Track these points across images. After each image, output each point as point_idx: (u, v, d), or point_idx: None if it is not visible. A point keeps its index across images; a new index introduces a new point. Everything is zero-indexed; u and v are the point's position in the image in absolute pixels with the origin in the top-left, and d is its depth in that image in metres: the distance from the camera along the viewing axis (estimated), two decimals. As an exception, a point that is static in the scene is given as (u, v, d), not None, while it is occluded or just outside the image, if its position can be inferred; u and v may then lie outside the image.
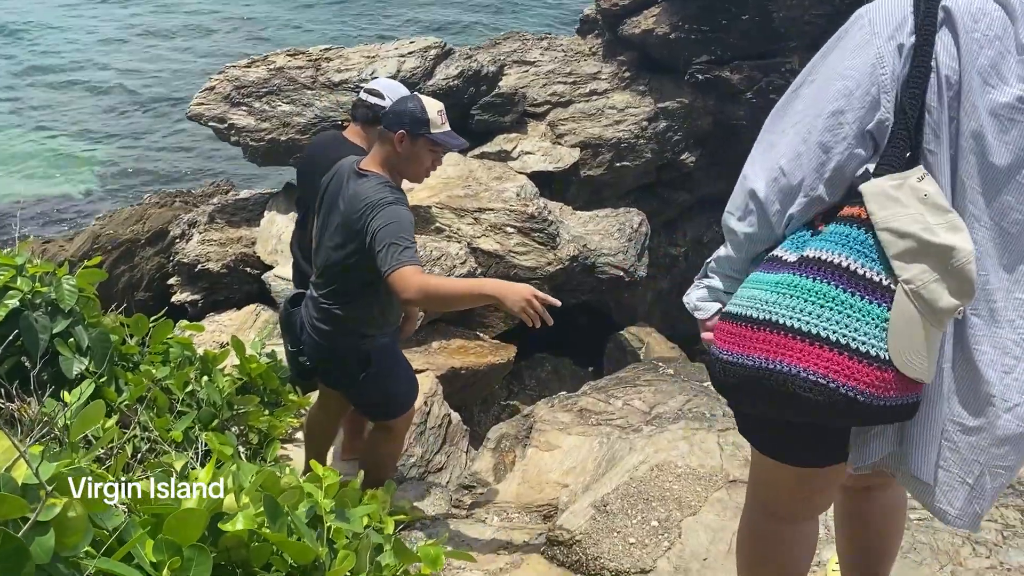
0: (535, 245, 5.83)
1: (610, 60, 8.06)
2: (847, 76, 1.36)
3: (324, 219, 2.88)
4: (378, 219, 2.59)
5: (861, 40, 1.36)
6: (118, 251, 6.49)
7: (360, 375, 2.92)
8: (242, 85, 6.39)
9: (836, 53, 1.40)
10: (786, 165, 1.41)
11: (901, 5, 1.34)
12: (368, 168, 2.76)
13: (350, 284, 2.80)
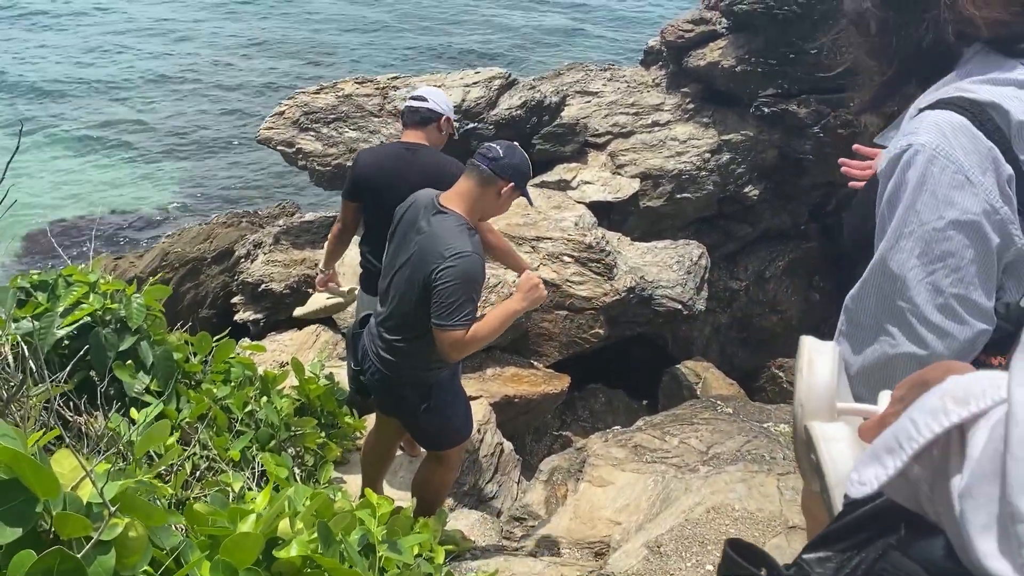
0: (592, 275, 5.81)
1: (673, 92, 8.05)
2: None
3: (396, 251, 2.90)
4: (449, 273, 2.64)
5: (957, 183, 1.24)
6: (185, 268, 6.67)
7: (420, 407, 2.95)
8: (311, 111, 6.55)
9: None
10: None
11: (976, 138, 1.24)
12: (450, 205, 2.78)
13: (417, 321, 2.82)
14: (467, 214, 2.78)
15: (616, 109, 8.01)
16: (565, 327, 5.66)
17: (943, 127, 1.25)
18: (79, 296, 2.79)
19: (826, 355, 0.99)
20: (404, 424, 3.15)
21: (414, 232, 2.81)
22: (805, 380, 0.98)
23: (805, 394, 0.97)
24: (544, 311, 5.61)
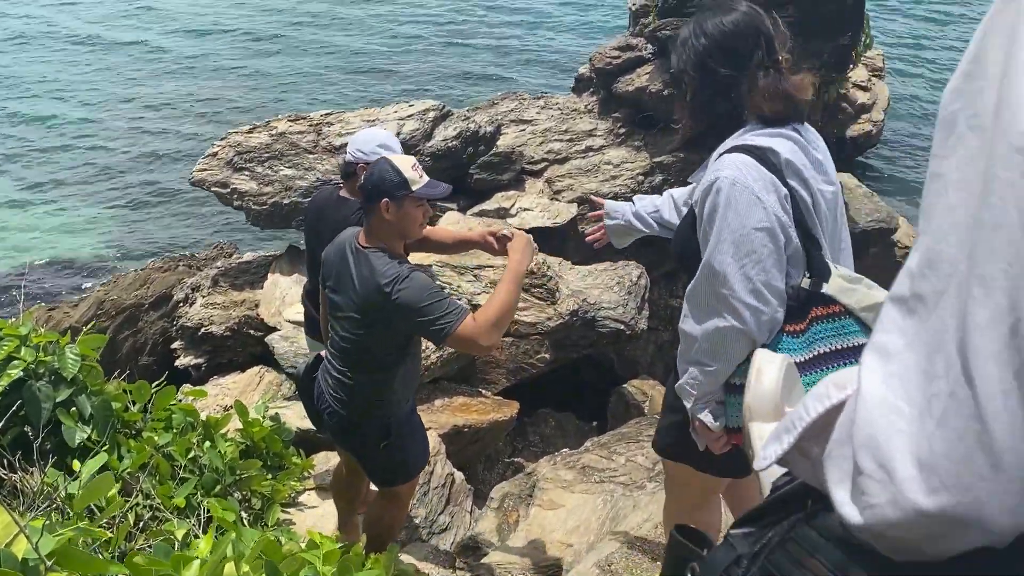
0: (535, 301, 5.87)
1: (605, 117, 8.21)
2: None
3: (334, 297, 2.88)
4: (406, 296, 2.59)
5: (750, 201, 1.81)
6: (122, 316, 6.54)
7: (380, 444, 2.93)
8: (244, 150, 6.51)
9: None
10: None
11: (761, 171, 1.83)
12: (369, 244, 2.76)
13: (369, 360, 2.82)
14: (385, 244, 2.76)
15: (551, 136, 8.14)
16: (511, 353, 5.70)
17: (738, 164, 1.82)
18: (10, 351, 2.73)
19: (774, 364, 1.09)
20: (361, 462, 3.13)
21: (346, 274, 2.79)
22: (753, 386, 1.08)
23: (752, 399, 1.07)
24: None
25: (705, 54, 1.93)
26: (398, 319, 2.65)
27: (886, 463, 0.59)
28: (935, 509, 0.57)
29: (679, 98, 2.06)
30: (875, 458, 0.60)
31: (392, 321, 2.68)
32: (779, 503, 0.77)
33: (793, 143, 1.88)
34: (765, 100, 1.88)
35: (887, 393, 0.61)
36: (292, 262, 6.14)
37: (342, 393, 2.89)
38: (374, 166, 2.78)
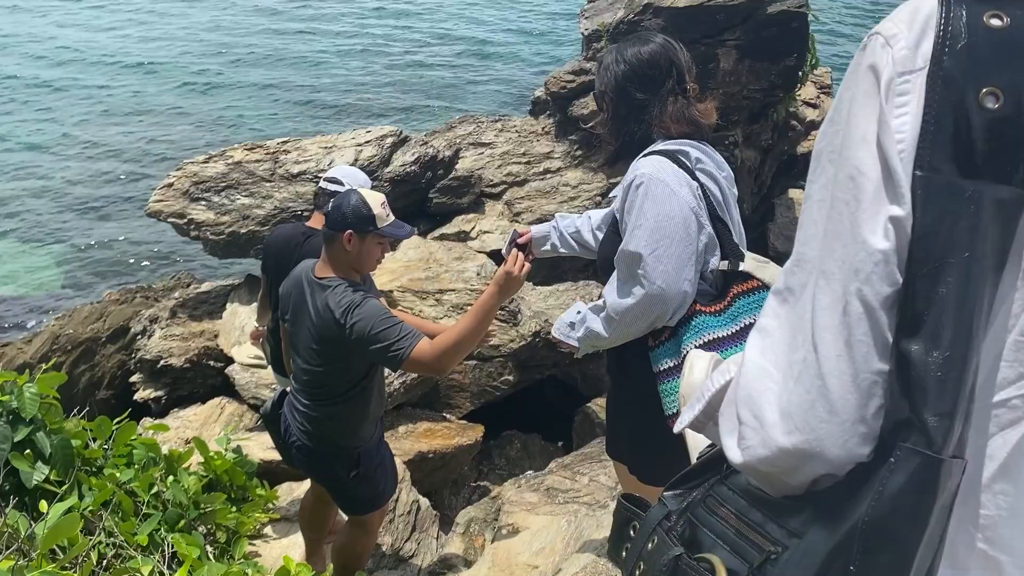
0: (497, 323, 5.90)
1: (562, 139, 8.31)
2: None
3: (294, 329, 2.90)
4: (360, 324, 2.59)
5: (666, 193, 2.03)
6: (78, 351, 6.43)
7: (350, 475, 2.95)
8: (201, 180, 6.48)
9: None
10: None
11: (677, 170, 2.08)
12: (325, 275, 2.77)
13: (333, 392, 2.84)
14: (341, 275, 2.76)
15: (509, 159, 8.21)
16: (475, 377, 5.72)
17: (654, 163, 2.05)
18: (-34, 391, 2.70)
19: (703, 359, 1.25)
20: (331, 492, 3.15)
21: (303, 307, 2.80)
22: (686, 378, 1.24)
23: (685, 388, 1.23)
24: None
25: (624, 79, 2.17)
26: (354, 348, 2.65)
27: (759, 414, 0.78)
28: (791, 446, 0.75)
29: (602, 117, 2.30)
30: (751, 410, 0.79)
31: (349, 351, 2.68)
32: (702, 468, 0.93)
33: (699, 149, 2.14)
34: (673, 123, 2.13)
35: (762, 362, 0.80)
36: (251, 291, 6.11)
37: (309, 426, 2.90)
38: (344, 196, 2.78)
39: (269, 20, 18.73)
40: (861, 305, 0.72)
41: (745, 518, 0.82)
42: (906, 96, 0.72)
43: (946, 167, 0.70)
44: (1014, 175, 0.69)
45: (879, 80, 0.74)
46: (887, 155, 0.72)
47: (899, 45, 0.74)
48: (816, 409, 0.73)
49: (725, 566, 0.80)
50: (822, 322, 0.74)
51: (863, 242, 0.72)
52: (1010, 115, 0.69)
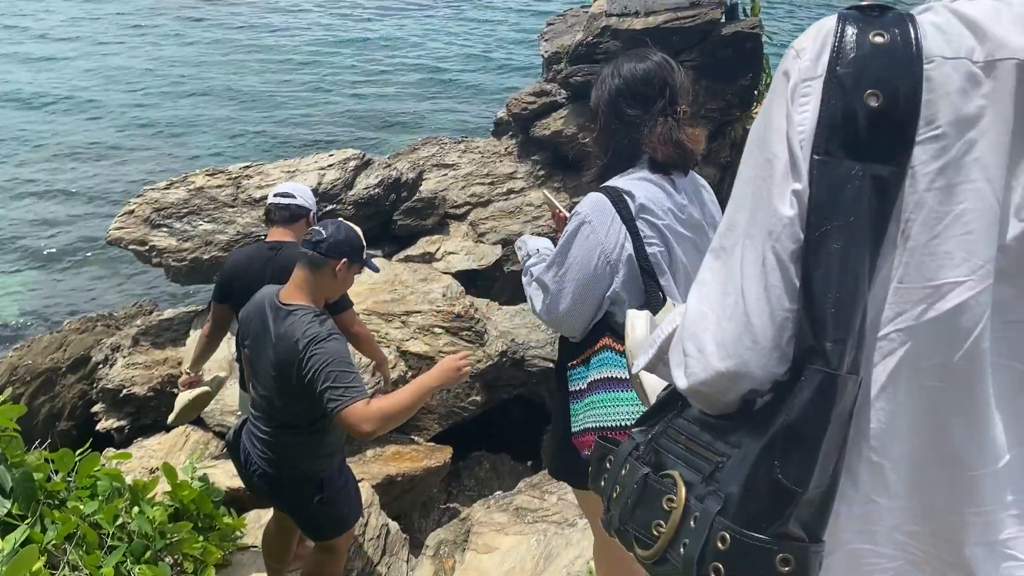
0: (464, 343, 5.93)
1: (525, 160, 8.39)
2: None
3: (254, 356, 2.88)
4: (316, 359, 2.59)
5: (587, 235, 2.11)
6: (38, 381, 6.32)
7: (314, 500, 2.93)
8: (162, 207, 6.43)
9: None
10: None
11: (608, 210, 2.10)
12: (292, 300, 2.76)
13: (293, 419, 2.83)
14: (311, 303, 2.76)
15: (473, 180, 8.27)
16: (443, 398, 5.73)
17: (593, 200, 2.10)
18: (-77, 426, 2.65)
19: (641, 318, 1.41)
20: (296, 519, 3.12)
21: (265, 334, 2.78)
22: (630, 336, 1.39)
23: (631, 344, 1.38)
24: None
25: (617, 93, 2.17)
26: (304, 376, 2.62)
27: (700, 346, 0.97)
28: (725, 369, 0.94)
29: (594, 129, 2.30)
30: (694, 344, 0.98)
31: (300, 378, 2.65)
32: (660, 406, 1.11)
33: (657, 188, 2.13)
34: (660, 144, 2.11)
35: (701, 306, 0.99)
36: (216, 317, 6.06)
37: (270, 453, 2.89)
38: (339, 225, 2.84)
39: (224, 52, 18.64)
40: (774, 258, 0.92)
41: (697, 440, 1.00)
42: (807, 97, 0.91)
43: (837, 151, 0.89)
44: (891, 156, 0.88)
45: (788, 84, 0.94)
46: (791, 143, 0.91)
47: (805, 57, 0.93)
48: (743, 340, 0.93)
49: (683, 478, 0.98)
50: (747, 272, 0.94)
51: (775, 210, 0.92)
52: (887, 109, 0.87)
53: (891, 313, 0.91)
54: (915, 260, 0.90)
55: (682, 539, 0.95)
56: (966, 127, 0.87)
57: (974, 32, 0.89)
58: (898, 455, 0.93)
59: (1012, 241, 0.89)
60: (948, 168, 0.88)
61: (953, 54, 0.88)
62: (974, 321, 0.88)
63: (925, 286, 0.89)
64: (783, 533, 0.89)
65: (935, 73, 0.88)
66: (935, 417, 0.91)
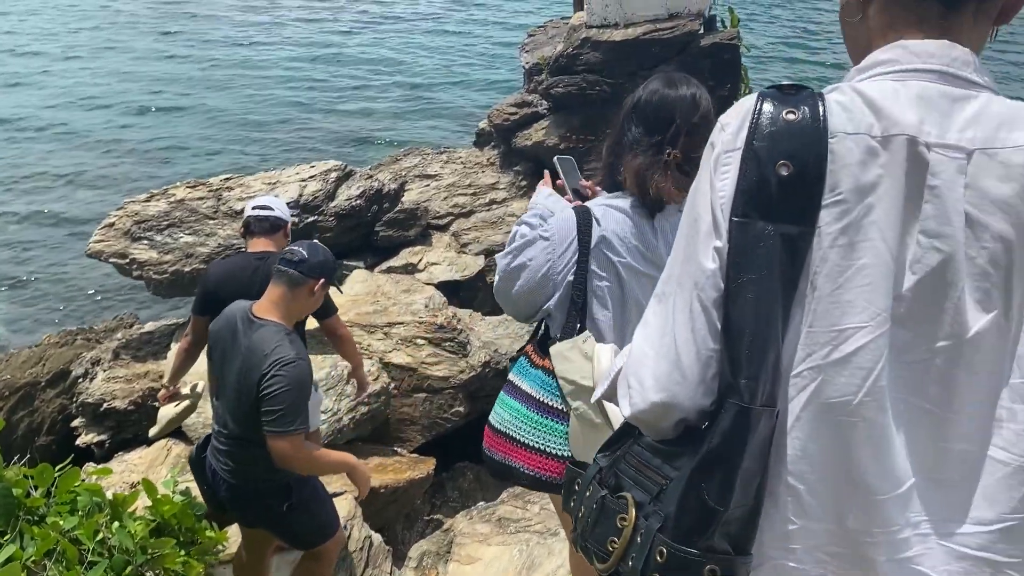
0: (447, 354, 5.93)
1: (506, 170, 8.43)
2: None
3: (221, 368, 2.90)
4: (278, 380, 2.66)
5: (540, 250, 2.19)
6: (16, 396, 6.26)
7: (283, 507, 2.94)
8: (143, 219, 6.41)
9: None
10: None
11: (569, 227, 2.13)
12: (266, 315, 2.81)
13: (256, 430, 2.83)
14: (284, 320, 2.82)
15: (455, 190, 8.29)
16: (426, 409, 5.73)
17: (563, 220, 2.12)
18: (-100, 443, 2.63)
19: (607, 351, 1.58)
20: (272, 531, 3.11)
21: (234, 347, 2.81)
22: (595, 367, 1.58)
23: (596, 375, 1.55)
24: (403, 396, 5.66)
25: (632, 109, 2.15)
26: (261, 391, 2.68)
27: (640, 380, 1.09)
28: (659, 400, 1.06)
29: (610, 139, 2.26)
30: (636, 378, 1.10)
31: (259, 391, 2.70)
32: (620, 434, 1.21)
33: (630, 223, 2.12)
34: (628, 173, 2.11)
35: (644, 345, 1.11)
36: (197, 330, 6.04)
37: (233, 464, 2.91)
38: (316, 247, 2.95)
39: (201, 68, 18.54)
40: (700, 305, 1.04)
41: (648, 464, 1.11)
42: (728, 166, 1.04)
43: (752, 214, 1.01)
44: (800, 218, 1.00)
45: (713, 154, 1.07)
46: (714, 206, 1.04)
47: (728, 131, 1.06)
48: (673, 375, 1.06)
49: (635, 499, 1.10)
50: (678, 317, 1.07)
51: (699, 264, 1.05)
52: (796, 178, 0.99)
53: (803, 354, 1.02)
54: (822, 308, 1.01)
55: (631, 554, 1.07)
56: (865, 193, 0.99)
57: (873, 110, 1.00)
58: (813, 481, 1.03)
59: (907, 291, 1.00)
60: (849, 228, 0.99)
61: (854, 130, 1.00)
62: (873, 361, 0.99)
63: (830, 330, 1.00)
64: (710, 547, 1.01)
65: (838, 146, 0.99)
66: (843, 446, 1.01)
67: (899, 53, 1.05)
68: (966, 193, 0.98)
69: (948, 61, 1.03)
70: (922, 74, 1.03)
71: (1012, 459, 1.00)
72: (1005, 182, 0.97)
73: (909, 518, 1.02)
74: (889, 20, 1.08)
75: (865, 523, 1.02)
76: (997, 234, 0.98)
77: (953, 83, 1.02)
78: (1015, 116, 1.00)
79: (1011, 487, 1.00)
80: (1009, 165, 0.98)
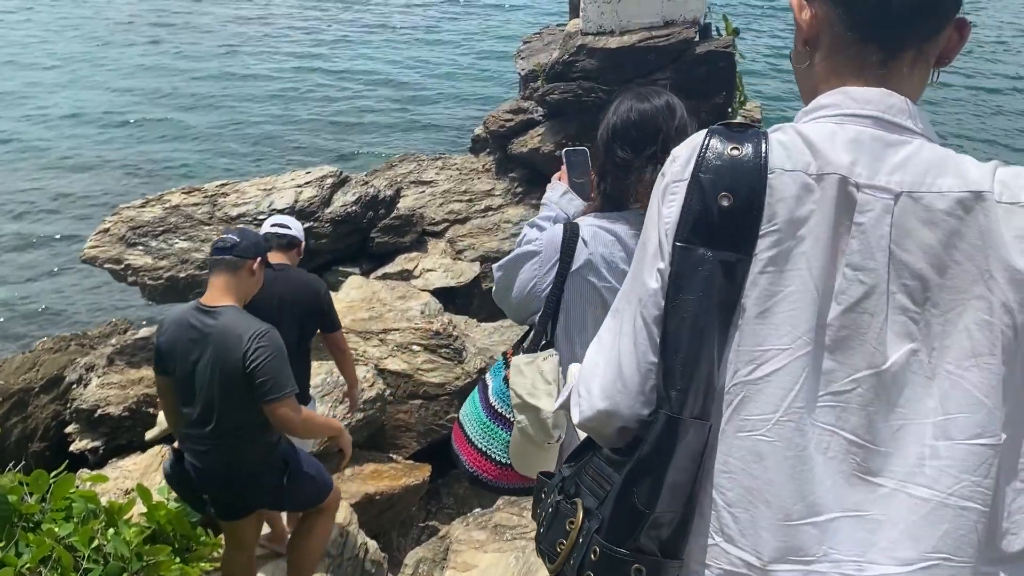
0: (442, 361, 5.93)
1: (502, 176, 8.45)
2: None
3: (188, 371, 2.96)
4: (262, 351, 2.82)
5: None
6: (10, 402, 6.23)
7: (282, 481, 3.09)
8: (137, 225, 6.40)
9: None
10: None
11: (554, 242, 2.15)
12: (219, 303, 2.95)
13: (244, 414, 2.95)
14: (237, 303, 2.99)
15: (450, 197, 8.31)
16: (421, 416, 5.72)
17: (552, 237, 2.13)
18: None
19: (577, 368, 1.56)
20: (276, 506, 3.26)
21: (199, 342, 2.91)
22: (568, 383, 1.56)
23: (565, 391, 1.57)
24: (398, 402, 5.66)
25: (612, 133, 2.11)
26: (247, 367, 2.82)
27: (589, 389, 1.17)
28: (603, 408, 1.14)
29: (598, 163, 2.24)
30: (585, 387, 1.18)
31: (244, 368, 2.83)
32: (583, 446, 1.27)
33: (618, 246, 2.13)
34: (643, 193, 2.05)
35: (595, 357, 1.19)
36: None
37: (233, 459, 3.01)
38: (244, 231, 3.17)
39: (196, 67, 18.55)
40: (642, 321, 1.12)
41: (601, 472, 1.17)
42: (675, 195, 1.11)
43: (694, 240, 1.08)
44: (737, 246, 1.06)
45: (663, 183, 1.14)
46: (660, 231, 1.12)
47: (678, 162, 1.13)
48: (616, 384, 1.13)
49: (584, 504, 1.16)
50: (623, 330, 1.15)
51: (644, 283, 1.12)
52: (735, 209, 1.07)
53: (731, 371, 1.08)
54: (749, 329, 1.07)
55: (573, 554, 1.14)
56: (798, 225, 1.06)
57: (811, 150, 1.07)
58: (732, 496, 1.07)
59: (832, 320, 1.06)
60: (779, 257, 1.06)
61: (792, 167, 1.07)
62: (791, 383, 1.05)
63: (754, 350, 1.06)
64: (638, 547, 1.08)
65: (776, 182, 1.06)
66: (759, 463, 1.06)
67: (840, 98, 1.13)
68: (892, 232, 1.04)
69: (884, 108, 1.10)
70: (860, 119, 1.10)
71: (934, 496, 1.02)
72: (927, 225, 1.04)
73: (827, 552, 1.04)
74: (833, 67, 1.16)
75: (779, 549, 1.04)
76: (916, 272, 1.04)
77: (888, 128, 1.09)
78: (943, 163, 1.06)
79: (933, 524, 1.02)
80: (932, 209, 1.03)
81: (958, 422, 1.02)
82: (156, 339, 3.10)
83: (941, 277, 1.03)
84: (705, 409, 1.07)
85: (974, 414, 1.02)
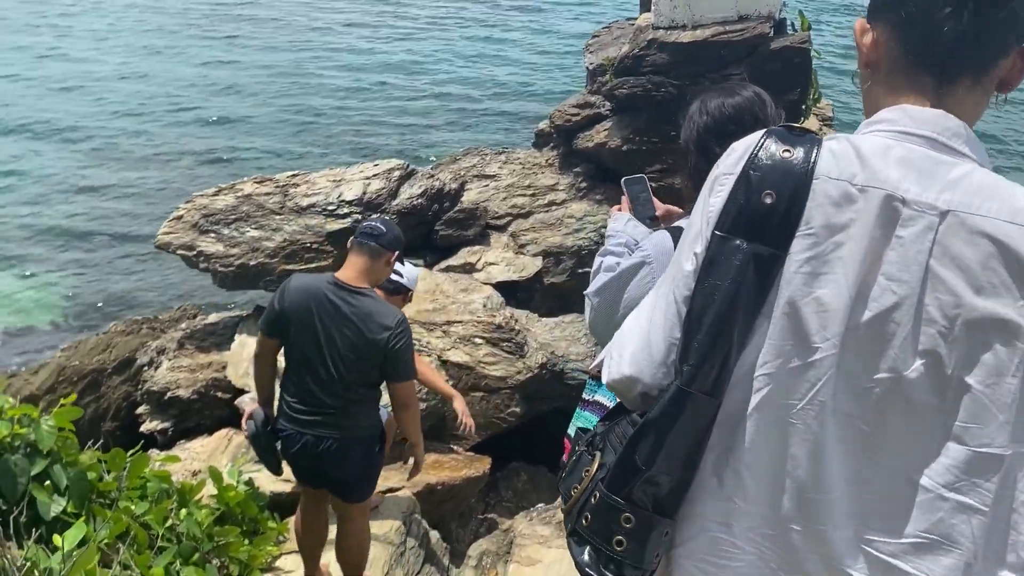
0: (504, 355, 5.92)
1: (566, 172, 8.38)
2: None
3: (314, 339, 3.14)
4: (402, 343, 3.13)
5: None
6: (84, 382, 6.43)
7: (365, 459, 3.33)
8: (210, 213, 6.53)
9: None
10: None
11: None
12: (357, 284, 3.17)
13: (364, 383, 3.21)
14: (371, 286, 3.22)
15: (514, 191, 8.27)
16: (482, 408, 5.73)
17: (659, 243, 2.07)
18: (-16, 423, 2.71)
19: None
20: (355, 479, 3.35)
21: (337, 315, 3.11)
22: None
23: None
24: (460, 393, 5.67)
25: (705, 131, 2.06)
26: (389, 352, 3.09)
27: (621, 353, 1.26)
28: (628, 373, 1.24)
29: (683, 167, 2.19)
30: (618, 352, 1.27)
31: (384, 352, 3.11)
32: (617, 409, 1.35)
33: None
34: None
35: (633, 324, 1.28)
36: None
37: (340, 419, 3.20)
38: (390, 224, 3.40)
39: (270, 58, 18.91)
40: (674, 298, 1.21)
41: (625, 434, 1.24)
42: (723, 187, 1.18)
43: (734, 231, 1.15)
44: (773, 242, 1.13)
45: (715, 174, 1.21)
46: (703, 219, 1.19)
47: (732, 157, 1.20)
48: (643, 353, 1.23)
49: (602, 458, 1.26)
50: (658, 305, 1.25)
51: (680, 264, 1.21)
52: (776, 207, 1.13)
53: (763, 360, 1.15)
54: (781, 323, 1.14)
55: (581, 498, 1.26)
56: (835, 231, 1.12)
57: (861, 161, 1.13)
58: (757, 469, 1.17)
59: (863, 323, 1.11)
60: (815, 259, 1.12)
61: (838, 176, 1.13)
62: (816, 377, 1.12)
63: (785, 344, 1.14)
64: (630, 498, 1.19)
65: (819, 187, 1.13)
66: (785, 444, 1.15)
67: (899, 115, 1.18)
68: (933, 247, 1.09)
69: (941, 129, 1.15)
70: (915, 138, 1.15)
71: (935, 487, 1.10)
72: (969, 246, 1.08)
73: (838, 520, 1.13)
74: (892, 87, 1.22)
75: (797, 517, 1.14)
76: (951, 289, 1.08)
77: (940, 150, 1.14)
78: (994, 188, 1.10)
79: (930, 510, 1.10)
80: (976, 231, 1.08)
81: (971, 431, 1.08)
82: (275, 303, 3.24)
83: (975, 296, 1.08)
84: (716, 387, 1.16)
85: (986, 426, 1.08)
